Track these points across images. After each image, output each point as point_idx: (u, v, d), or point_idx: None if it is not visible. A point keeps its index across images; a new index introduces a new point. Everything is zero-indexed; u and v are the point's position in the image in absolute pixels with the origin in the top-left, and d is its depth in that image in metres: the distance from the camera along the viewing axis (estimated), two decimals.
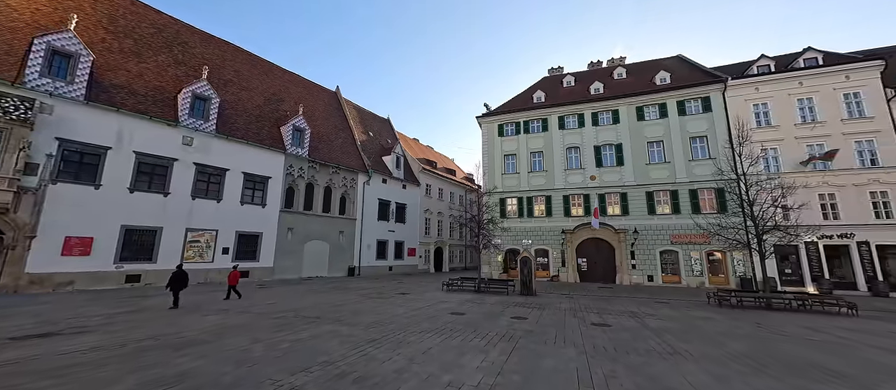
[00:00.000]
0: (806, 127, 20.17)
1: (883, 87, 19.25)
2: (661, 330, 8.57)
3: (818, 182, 19.09)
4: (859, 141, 19.23)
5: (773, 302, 12.52)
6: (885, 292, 16.85)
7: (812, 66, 21.02)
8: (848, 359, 6.41)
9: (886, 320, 10.68)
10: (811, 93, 20.48)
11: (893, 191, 18.07)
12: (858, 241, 18.00)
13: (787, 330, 8.89)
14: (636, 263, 21.55)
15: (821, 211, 18.84)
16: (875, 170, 18.51)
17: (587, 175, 24.04)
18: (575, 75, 30.50)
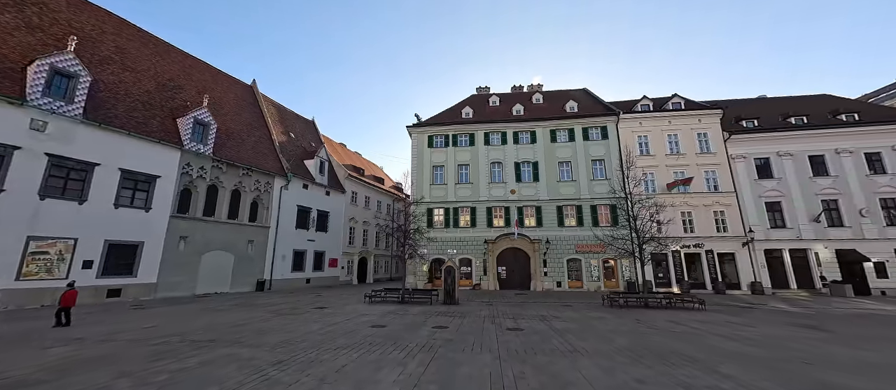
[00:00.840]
0: (673, 157, 24.92)
1: (721, 130, 24.94)
2: (564, 331, 9.51)
3: (680, 202, 23.67)
4: (707, 171, 24.47)
5: (649, 302, 14.95)
6: (723, 290, 21.55)
7: (677, 108, 26.21)
8: (698, 346, 7.94)
9: (724, 312, 13.59)
10: (676, 130, 25.46)
11: (729, 210, 23.35)
12: (706, 250, 22.74)
13: (658, 325, 10.66)
14: (548, 271, 23.70)
15: (682, 225, 23.34)
16: (717, 194, 23.72)
17: (508, 189, 25.82)
18: (500, 96, 32.82)
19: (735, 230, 22.89)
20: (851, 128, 23.36)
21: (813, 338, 8.85)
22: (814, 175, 23.09)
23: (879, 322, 11.71)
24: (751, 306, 15.75)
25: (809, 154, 23.50)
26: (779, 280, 21.85)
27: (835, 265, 21.33)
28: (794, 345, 8.04)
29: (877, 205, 21.88)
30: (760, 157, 24.14)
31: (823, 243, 21.75)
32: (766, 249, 22.31)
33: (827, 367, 6.29)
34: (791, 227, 22.48)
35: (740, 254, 22.48)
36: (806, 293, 20.87)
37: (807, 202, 22.66)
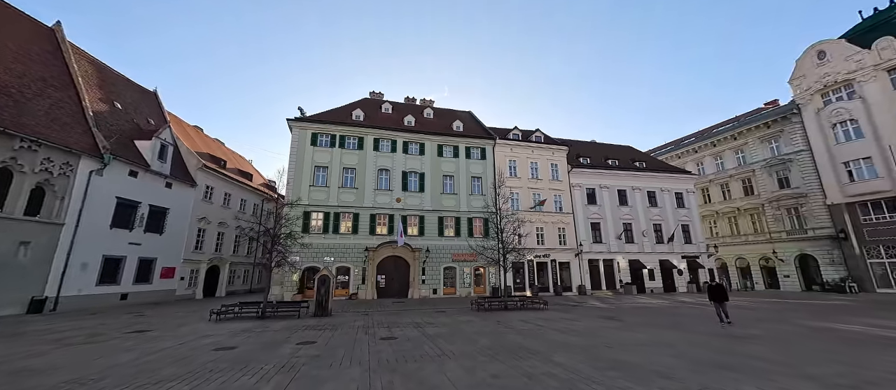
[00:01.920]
0: (533, 181, 29.70)
1: (567, 163, 31.17)
2: (435, 337, 9.98)
3: (536, 219, 28.30)
4: (556, 195, 30.05)
5: (508, 304, 17.18)
6: (560, 292, 26.58)
7: (538, 141, 31.49)
8: (540, 340, 9.50)
9: (560, 310, 16.71)
10: (537, 159, 30.53)
11: (567, 228, 29.12)
12: (551, 259, 27.73)
13: (513, 325, 12.31)
14: (426, 278, 24.62)
15: (536, 238, 27.89)
16: (561, 214, 29.33)
17: (394, 197, 25.91)
18: (393, 104, 32.96)
19: (571, 243, 28.73)
20: (641, 172, 32.62)
21: (612, 327, 11.75)
22: (619, 204, 31.16)
23: (649, 312, 16.44)
24: (577, 304, 19.90)
25: (618, 188, 31.64)
26: (596, 282, 28.39)
27: (628, 271, 29.09)
28: (601, 333, 10.49)
29: (651, 229, 31.00)
30: (590, 187, 31.16)
31: (622, 255, 29.45)
32: (589, 259, 28.73)
33: (620, 348, 8.42)
34: (605, 243, 29.65)
35: (573, 262, 28.30)
36: (610, 292, 27.72)
37: (614, 224, 30.35)
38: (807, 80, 29.59)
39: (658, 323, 12.46)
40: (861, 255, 25.72)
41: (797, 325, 11.66)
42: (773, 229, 31.11)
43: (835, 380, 5.75)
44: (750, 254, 32.65)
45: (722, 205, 35.47)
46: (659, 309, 17.14)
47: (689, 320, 13.34)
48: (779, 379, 5.87)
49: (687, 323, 12.40)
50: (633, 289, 27.53)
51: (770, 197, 31.44)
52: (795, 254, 29.46)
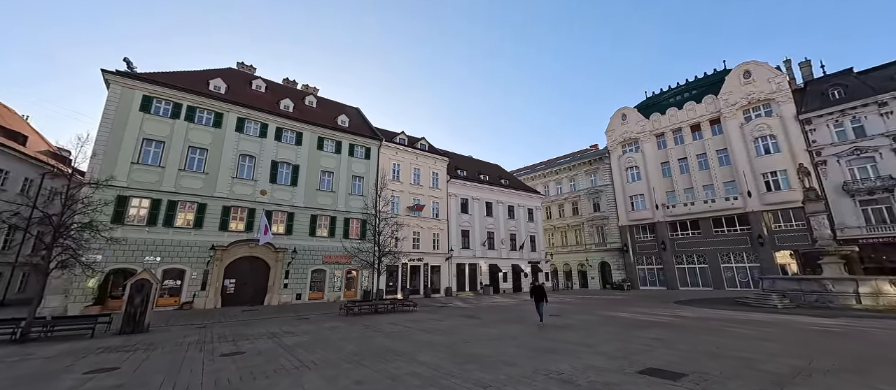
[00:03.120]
0: (414, 186, 30.63)
1: (446, 173, 33.42)
2: (295, 347, 9.00)
3: (414, 223, 29.22)
4: (434, 202, 31.75)
5: (379, 308, 17.03)
6: (430, 294, 28.02)
7: (423, 149, 32.77)
8: (407, 341, 9.73)
9: (428, 311, 17.57)
10: (420, 166, 31.66)
11: (441, 234, 31.09)
12: (424, 263, 29.02)
13: (382, 328, 12.25)
14: (289, 282, 22.09)
15: (412, 242, 28.74)
16: (436, 221, 31.12)
17: (258, 188, 22.46)
18: (267, 83, 28.81)
19: (443, 248, 30.77)
20: (505, 189, 37.80)
21: (471, 324, 13.06)
22: (486, 215, 35.25)
23: (501, 310, 19.01)
24: (444, 305, 21.36)
25: (486, 200, 35.77)
26: (461, 284, 31.13)
27: (488, 274, 33.02)
28: (461, 330, 11.52)
29: (508, 238, 36.16)
30: (464, 198, 34.18)
31: (485, 260, 33.30)
32: (458, 263, 31.35)
33: (476, 343, 9.40)
34: (472, 249, 32.93)
35: (444, 266, 30.34)
36: (472, 293, 30.88)
37: (481, 232, 34.10)
38: (614, 133, 40.32)
39: (507, 319, 14.52)
40: (634, 263, 36.32)
41: (596, 315, 15.51)
42: (587, 242, 40.77)
43: (614, 353, 7.86)
44: (573, 260, 41.85)
45: (558, 221, 44.44)
46: (508, 307, 20.02)
47: (531, 315, 16.03)
48: (584, 357, 7.63)
49: (529, 318, 14.86)
50: (491, 290, 31.43)
51: (588, 217, 41.19)
52: (599, 261, 39.33)
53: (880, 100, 25.97)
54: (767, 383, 5.59)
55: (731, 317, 13.62)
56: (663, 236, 34.39)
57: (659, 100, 40.35)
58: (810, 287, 16.61)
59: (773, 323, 11.87)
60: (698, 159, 34.04)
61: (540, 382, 5.86)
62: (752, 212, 29.59)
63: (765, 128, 30.06)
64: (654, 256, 35.24)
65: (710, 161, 33.07)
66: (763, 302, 16.79)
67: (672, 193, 34.95)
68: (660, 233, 34.70)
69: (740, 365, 6.65)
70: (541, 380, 5.96)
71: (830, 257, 17.51)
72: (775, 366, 6.55)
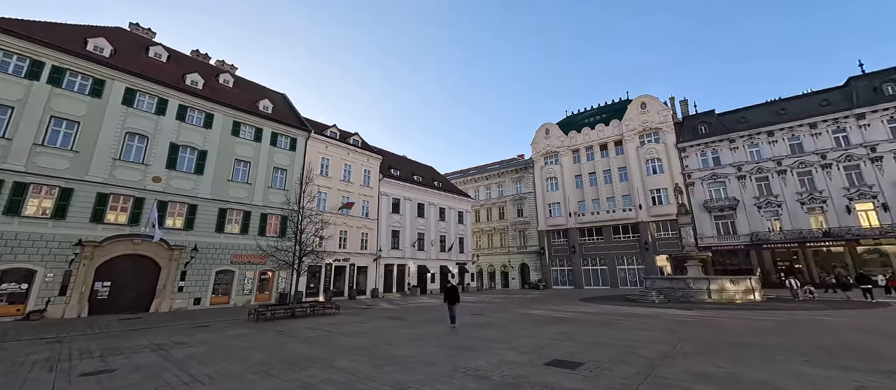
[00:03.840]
0: (344, 183, 29.23)
1: (379, 172, 32.61)
2: (186, 359, 7.80)
3: (341, 222, 27.86)
4: (365, 200, 30.71)
5: (296, 311, 15.76)
6: (355, 296, 26.97)
7: (356, 145, 31.50)
8: (326, 346, 9.17)
9: (352, 314, 16.85)
10: (351, 162, 30.36)
11: (371, 233, 30.18)
12: (351, 263, 27.84)
13: (298, 333, 11.35)
14: (185, 285, 19.17)
15: (339, 241, 27.35)
16: (366, 220, 30.13)
17: (150, 174, 19.05)
18: (170, 52, 24.74)
19: (372, 248, 29.91)
20: (438, 191, 38.37)
21: (395, 326, 12.90)
22: (418, 216, 35.32)
23: (426, 310, 19.16)
24: (369, 307, 20.73)
25: (419, 202, 35.85)
26: (388, 285, 30.61)
27: (416, 275, 33.07)
28: (384, 333, 11.29)
29: (438, 240, 36.75)
30: (396, 198, 33.74)
31: (414, 261, 33.28)
32: (386, 264, 30.77)
33: (398, 345, 9.29)
34: (402, 249, 32.64)
35: (371, 267, 29.49)
36: (399, 294, 30.59)
37: (411, 233, 34.03)
38: (538, 146, 44.00)
39: (431, 319, 14.68)
40: (549, 265, 39.96)
41: (514, 313, 16.63)
42: (510, 245, 43.63)
43: (526, 348, 8.50)
44: (497, 262, 44.34)
45: (486, 224, 46.71)
46: (434, 308, 20.28)
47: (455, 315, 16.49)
48: (499, 352, 8.09)
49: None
50: (418, 291, 31.53)
51: (512, 222, 44.11)
52: (520, 263, 42.38)
53: (730, 138, 33.06)
54: (643, 366, 6.61)
55: (621, 312, 15.84)
56: (574, 241, 38.58)
57: (576, 120, 45.29)
58: (678, 285, 20.25)
59: (652, 316, 14.14)
60: (604, 174, 39.05)
61: (457, 380, 6.03)
62: (642, 222, 35.00)
63: (654, 153, 35.88)
64: (565, 258, 39.28)
65: (613, 177, 38.22)
66: (645, 299, 19.94)
67: (582, 203, 39.46)
68: (571, 238, 38.86)
69: (625, 352, 7.75)
70: (458, 378, 6.13)
71: (692, 261, 21.60)
72: (650, 352, 7.80)
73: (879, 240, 26.25)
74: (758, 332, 10.04)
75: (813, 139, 29.88)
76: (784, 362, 6.70)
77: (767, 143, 31.58)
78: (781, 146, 31.00)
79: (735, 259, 30.96)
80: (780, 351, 7.64)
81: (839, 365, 6.43)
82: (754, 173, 31.54)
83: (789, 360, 6.81)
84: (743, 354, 7.40)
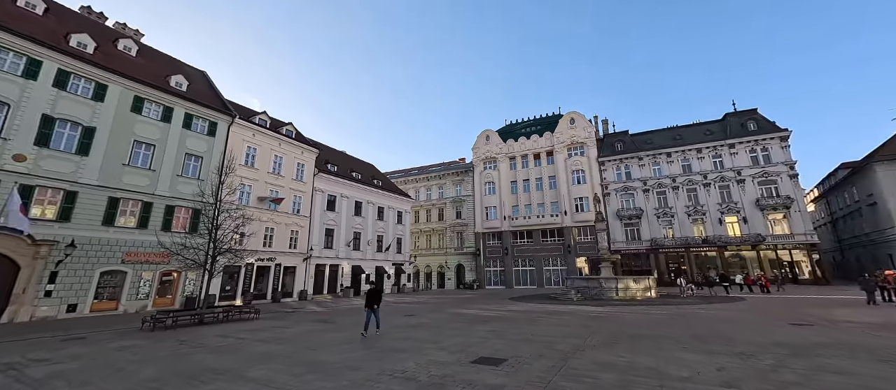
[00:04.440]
0: (273, 176, 26.88)
1: (314, 166, 30.62)
2: (47, 380, 6.36)
3: (268, 218, 25.56)
4: (296, 195, 28.57)
5: (205, 318, 13.96)
6: (279, 299, 24.93)
7: (289, 136, 29.16)
8: (237, 356, 8.25)
9: (273, 319, 15.48)
10: (283, 154, 28.03)
11: (301, 231, 28.20)
12: (276, 263, 25.66)
13: (205, 342, 10.05)
14: (55, 288, 15.76)
15: (263, 239, 25.03)
16: (297, 217, 28.08)
17: (10, 150, 15.28)
18: (50, 4, 20.25)
19: (301, 247, 27.94)
20: (377, 189, 37.38)
21: (322, 330, 12.18)
22: (354, 214, 33.98)
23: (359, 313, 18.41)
24: (295, 310, 19.29)
25: (357, 199, 34.52)
26: (319, 287, 28.89)
27: (350, 276, 31.77)
28: (309, 337, 10.58)
29: (375, 239, 35.80)
30: (332, 195, 32.04)
31: (348, 261, 31.92)
32: (318, 264, 29.00)
33: (323, 350, 8.76)
34: (336, 249, 31.08)
35: (300, 267, 27.53)
36: (331, 296, 29.08)
37: (347, 232, 32.62)
38: (479, 151, 45.60)
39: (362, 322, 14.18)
40: (483, 266, 41.56)
41: (447, 313, 16.90)
42: (448, 246, 44.42)
43: (455, 347, 8.66)
44: (434, 262, 44.76)
45: (425, 225, 46.87)
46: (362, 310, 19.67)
47: (386, 315, 16.15)
48: (429, 353, 8.11)
49: (385, 319, 14.91)
50: (351, 293, 30.30)
51: (451, 223, 44.96)
52: (456, 264, 43.35)
53: (639, 156, 38.05)
54: (558, 359, 7.19)
55: (544, 310, 17.12)
56: (507, 243, 40.72)
57: (514, 129, 47.96)
58: (593, 284, 22.62)
59: (570, 313, 15.53)
60: (537, 182, 41.97)
61: (383, 383, 5.88)
62: (566, 227, 38.37)
63: (579, 164, 39.64)
64: (498, 260, 41.25)
65: (544, 184, 41.28)
66: (566, 297, 21.86)
67: (516, 207, 41.90)
68: (504, 241, 40.96)
69: (544, 348, 8.35)
70: (384, 381, 5.99)
71: (605, 263, 24.31)
72: (565, 346, 8.52)
73: (740, 246, 32.49)
74: (651, 325, 11.64)
75: (698, 162, 35.86)
76: (668, 350, 7.85)
77: (666, 163, 37.05)
78: (676, 166, 36.62)
79: (638, 261, 35.66)
80: (666, 340, 8.94)
81: (707, 350, 7.75)
82: (655, 188, 36.73)
83: (672, 348, 8.00)
84: (638, 344, 8.50)
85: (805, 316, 12.50)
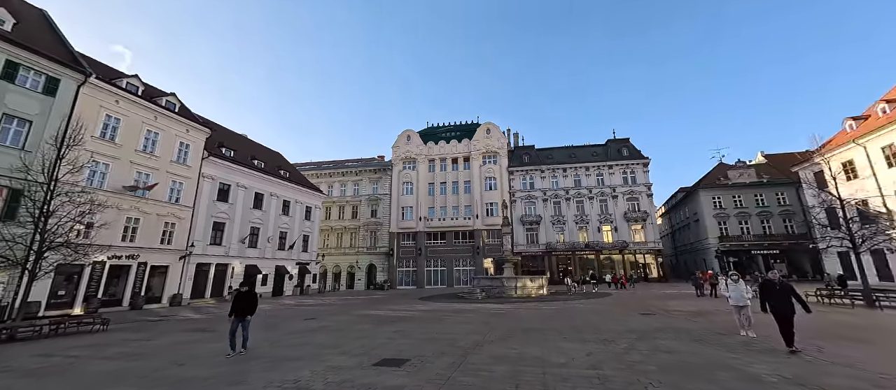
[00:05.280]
0: (144, 155, 22.04)
1: (203, 148, 26.13)
2: None
3: (130, 206, 20.80)
4: (176, 181, 23.94)
5: (18, 333, 10.55)
6: (140, 305, 20.47)
7: (171, 108, 24.31)
8: (69, 379, 6.41)
9: (128, 330, 12.58)
10: (162, 129, 23.22)
11: (180, 223, 23.73)
12: (140, 262, 21.03)
13: (16, 365, 7.57)
14: None
15: (122, 232, 20.26)
16: (175, 206, 23.55)
17: None
18: None
19: (179, 243, 23.49)
20: (284, 181, 33.83)
21: (197, 340, 10.37)
22: (253, 207, 30.11)
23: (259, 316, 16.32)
24: (163, 318, 16.04)
25: (257, 191, 30.64)
26: (200, 290, 24.67)
27: (242, 276, 27.94)
28: (178, 350, 8.88)
29: (277, 236, 32.30)
30: (226, 183, 27.79)
31: (241, 260, 28.06)
32: (199, 263, 24.74)
33: (194, 364, 7.41)
34: (225, 245, 26.99)
35: (174, 266, 23.08)
36: (215, 300, 25.11)
37: (242, 227, 28.68)
38: (399, 150, 45.21)
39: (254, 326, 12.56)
40: (396, 266, 41.22)
41: (352, 315, 16.18)
42: (361, 245, 42.80)
43: (357, 350, 8.30)
44: (344, 262, 42.59)
45: (337, 222, 44.28)
46: (259, 314, 17.56)
47: (284, 321, 14.67)
48: (328, 358, 7.58)
49: (281, 325, 13.51)
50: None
51: (365, 222, 43.44)
52: (368, 264, 42.03)
53: (541, 169, 42.75)
54: (459, 356, 7.49)
55: (451, 308, 17.77)
56: (421, 244, 41.21)
57: (436, 131, 48.97)
58: (496, 283, 24.44)
59: (474, 311, 16.42)
60: (453, 185, 43.56)
61: None
62: (477, 230, 40.72)
63: (491, 172, 42.55)
64: (411, 260, 41.44)
65: (460, 188, 43.11)
66: (471, 296, 23.11)
67: (433, 209, 42.76)
68: (419, 241, 41.38)
69: (447, 345, 8.61)
70: None
71: (508, 263, 26.53)
72: (466, 342, 8.94)
73: (611, 251, 39.13)
74: (541, 319, 13.07)
75: (586, 178, 42.05)
76: (552, 340, 8.90)
77: (562, 177, 42.46)
78: (570, 180, 42.26)
79: (535, 262, 39.94)
80: (551, 332, 10.14)
81: (581, 339, 9.03)
82: (552, 198, 41.75)
83: (555, 339, 9.09)
84: (529, 337, 9.44)
85: (650, 307, 15.65)
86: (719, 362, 6.53)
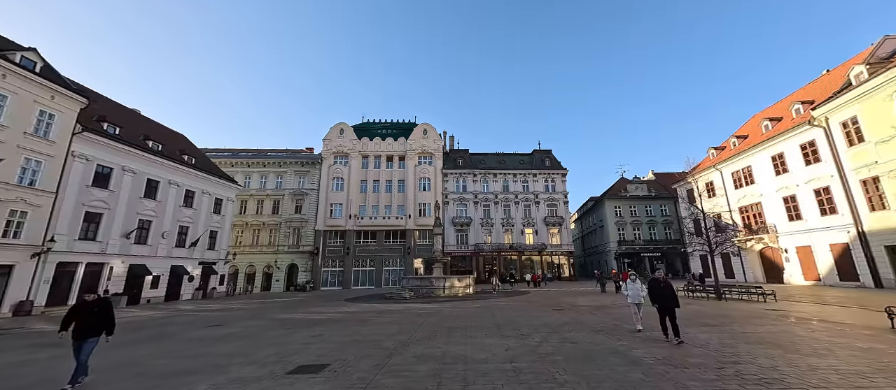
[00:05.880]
0: None
1: (76, 122, 21.24)
2: None
3: None
4: (31, 158, 19.04)
5: None
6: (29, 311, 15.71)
7: (29, 67, 19.28)
8: None
9: None
10: (10, 92, 18.27)
11: (36, 212, 18.91)
12: None
13: None
14: None
15: None
16: (29, 190, 18.73)
17: None
18: None
19: (32, 237, 18.69)
20: (187, 167, 29.19)
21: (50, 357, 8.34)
22: (144, 196, 25.44)
23: (126, 328, 13.72)
24: (1, 332, 12.56)
25: (150, 177, 25.96)
26: (60, 296, 19.93)
27: (124, 278, 23.38)
28: (19, 373, 7.03)
29: (176, 231, 27.82)
30: (106, 165, 22.99)
31: (123, 258, 23.45)
32: (60, 262, 20.00)
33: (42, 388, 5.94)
34: (101, 241, 22.29)
35: (24, 266, 18.30)
36: None
37: (127, 219, 24.02)
38: (330, 143, 42.73)
39: (135, 340, 10.60)
40: (321, 266, 38.80)
41: (267, 319, 14.73)
42: (281, 243, 39.26)
43: (268, 358, 7.55)
44: (260, 261, 38.58)
45: (253, 217, 39.91)
46: (144, 322, 14.92)
47: (181, 329, 12.69)
48: (232, 370, 6.75)
49: (177, 333, 11.65)
50: (124, 301, 22.35)
51: (287, 217, 39.99)
52: (288, 263, 38.77)
53: (473, 173, 44.48)
54: (383, 357, 7.33)
55: (378, 309, 17.34)
56: (350, 242, 39.49)
57: (371, 127, 47.47)
58: (425, 283, 24.64)
59: (401, 311, 16.28)
60: (386, 184, 42.69)
61: None
62: (409, 230, 40.54)
63: (426, 173, 42.81)
64: (338, 259, 39.44)
65: (393, 187, 42.45)
66: (400, 296, 22.90)
67: (364, 207, 41.31)
68: (348, 240, 39.59)
69: (371, 347, 8.36)
70: None
71: (437, 263, 26.95)
72: (391, 343, 8.80)
73: (532, 252, 42.50)
74: (466, 317, 13.54)
75: (513, 183, 44.99)
76: (475, 338, 9.27)
77: (492, 181, 44.75)
78: (499, 184, 44.74)
79: (464, 262, 41.33)
80: (475, 329, 10.57)
81: (501, 334, 9.59)
82: (482, 201, 43.73)
83: (478, 336, 9.49)
84: (453, 335, 9.69)
85: (561, 304, 17.37)
86: (613, 349, 7.53)
